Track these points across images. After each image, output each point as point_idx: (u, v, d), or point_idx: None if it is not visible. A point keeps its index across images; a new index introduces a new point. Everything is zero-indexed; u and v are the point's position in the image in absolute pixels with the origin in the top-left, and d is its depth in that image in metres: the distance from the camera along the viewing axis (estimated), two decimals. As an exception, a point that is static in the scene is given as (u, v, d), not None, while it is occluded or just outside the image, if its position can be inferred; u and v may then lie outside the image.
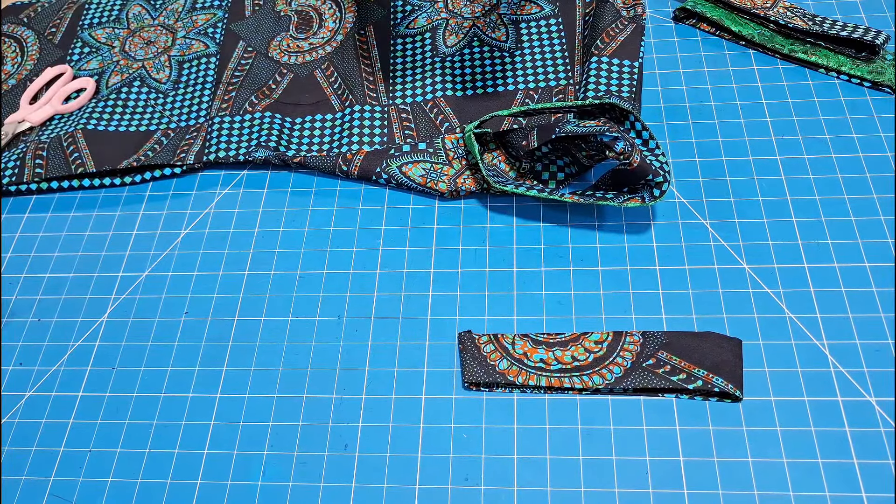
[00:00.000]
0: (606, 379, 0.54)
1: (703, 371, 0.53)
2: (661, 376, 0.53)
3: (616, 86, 0.68)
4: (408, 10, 0.81)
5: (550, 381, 0.54)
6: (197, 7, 0.87)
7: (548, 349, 0.56)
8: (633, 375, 0.53)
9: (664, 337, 0.55)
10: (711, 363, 0.53)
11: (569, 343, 0.56)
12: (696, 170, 0.65)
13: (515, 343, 0.56)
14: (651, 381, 0.53)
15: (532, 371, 0.55)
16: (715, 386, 0.52)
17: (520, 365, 0.55)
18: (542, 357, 0.56)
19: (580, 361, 0.55)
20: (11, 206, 0.73)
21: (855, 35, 0.68)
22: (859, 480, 0.49)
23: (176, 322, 0.62)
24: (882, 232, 0.60)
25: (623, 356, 0.54)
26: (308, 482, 0.53)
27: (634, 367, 0.54)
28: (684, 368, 0.53)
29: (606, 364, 0.54)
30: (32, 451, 0.57)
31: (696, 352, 0.54)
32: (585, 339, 0.56)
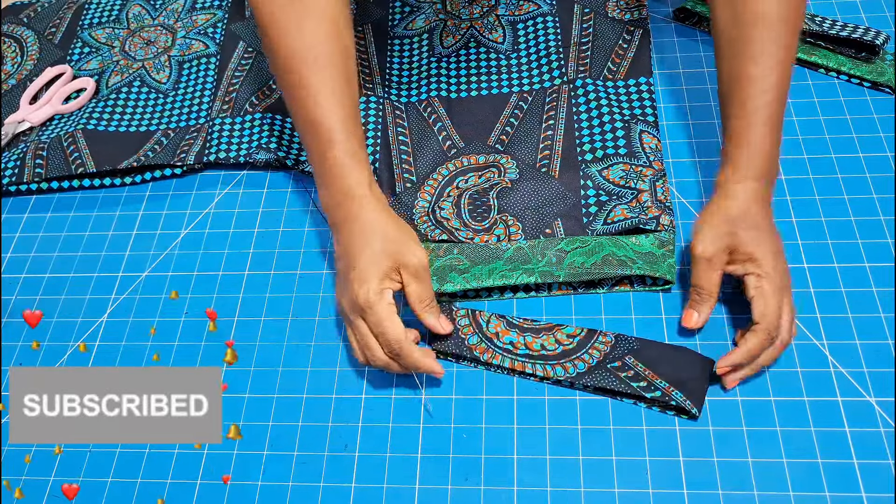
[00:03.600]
0: (568, 372, 0.54)
1: (665, 383, 0.52)
2: (623, 380, 0.53)
3: (639, 108, 0.68)
4: (406, 11, 0.81)
5: (514, 364, 0.55)
6: (197, 7, 0.87)
7: (520, 333, 0.56)
8: (595, 374, 0.53)
9: (636, 343, 0.55)
10: (676, 377, 0.52)
11: (541, 331, 0.56)
12: (695, 170, 0.65)
13: (491, 322, 0.57)
14: (611, 383, 0.53)
15: (498, 351, 0.55)
16: (672, 399, 0.51)
17: (489, 343, 0.56)
18: (512, 340, 0.56)
19: (548, 351, 0.55)
20: (11, 206, 0.73)
21: (855, 35, 0.68)
22: (859, 480, 0.49)
23: (176, 322, 0.62)
24: (882, 232, 0.60)
25: (591, 353, 0.54)
26: (308, 482, 0.53)
27: (599, 367, 0.54)
28: (647, 377, 0.53)
29: (572, 358, 0.54)
30: (32, 451, 0.57)
31: (663, 363, 0.53)
32: (559, 331, 0.56)
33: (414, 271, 0.54)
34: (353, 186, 0.55)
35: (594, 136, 0.67)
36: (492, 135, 0.69)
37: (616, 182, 0.63)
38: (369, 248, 0.53)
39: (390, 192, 0.66)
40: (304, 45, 0.55)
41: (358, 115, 0.58)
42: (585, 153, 0.66)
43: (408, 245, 0.54)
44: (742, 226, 0.52)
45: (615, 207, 0.61)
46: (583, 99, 0.70)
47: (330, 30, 0.55)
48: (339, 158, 0.55)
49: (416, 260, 0.54)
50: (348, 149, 0.55)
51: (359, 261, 0.53)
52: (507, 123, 0.69)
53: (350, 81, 0.57)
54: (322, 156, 0.55)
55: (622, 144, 0.65)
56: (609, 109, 0.68)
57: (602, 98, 0.69)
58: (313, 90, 0.55)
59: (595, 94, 0.69)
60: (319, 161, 0.56)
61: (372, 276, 0.52)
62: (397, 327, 0.52)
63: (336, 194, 0.55)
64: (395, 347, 0.52)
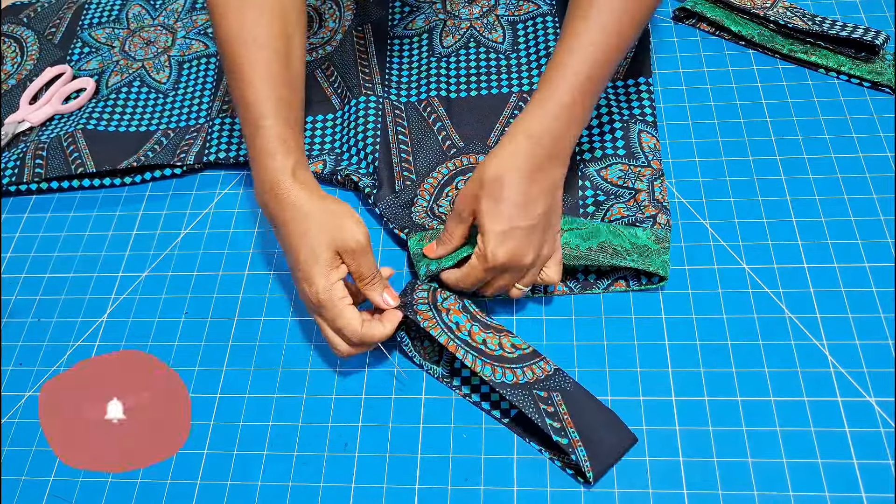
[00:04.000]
0: (495, 377, 0.52)
1: (576, 435, 0.50)
2: (540, 411, 0.51)
3: (638, 108, 0.68)
4: (406, 11, 0.81)
5: (448, 344, 0.53)
6: (197, 7, 0.87)
7: (469, 319, 0.55)
8: (518, 391, 0.52)
9: (571, 386, 0.53)
10: (589, 436, 0.50)
11: (490, 328, 0.55)
12: (696, 170, 0.65)
13: (448, 299, 0.56)
14: (528, 408, 0.51)
15: (441, 325, 0.54)
16: (574, 454, 0.50)
17: (436, 314, 0.54)
18: (458, 321, 0.54)
19: (487, 349, 0.54)
20: (11, 206, 0.73)
21: (855, 35, 0.68)
22: (859, 480, 0.49)
23: (176, 322, 0.62)
24: (882, 232, 0.60)
25: (525, 372, 0.53)
26: (308, 482, 0.53)
27: (525, 387, 0.52)
28: (563, 420, 0.51)
29: (505, 366, 0.53)
30: (32, 451, 0.57)
31: (585, 416, 0.51)
32: (507, 336, 0.55)
33: (352, 251, 0.52)
34: (277, 173, 0.53)
35: (593, 136, 0.67)
36: (491, 135, 0.69)
37: (614, 182, 0.63)
38: (305, 243, 0.52)
39: (390, 190, 0.66)
40: (243, 27, 0.55)
41: (295, 101, 0.57)
42: (584, 153, 0.66)
43: (342, 226, 0.52)
44: (486, 192, 0.51)
45: (612, 206, 0.61)
46: None
47: (273, 17, 0.56)
48: (265, 144, 0.54)
49: (353, 242, 0.52)
50: (275, 134, 0.54)
51: (299, 258, 0.52)
52: (506, 123, 0.69)
53: (289, 66, 0.56)
54: (252, 140, 0.55)
55: (621, 145, 0.65)
56: (608, 110, 0.68)
57: (601, 99, 0.69)
58: (246, 71, 0.55)
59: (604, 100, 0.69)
60: (250, 145, 0.55)
61: (315, 274, 0.52)
62: (352, 321, 0.52)
63: (263, 184, 0.54)
64: (355, 340, 0.52)
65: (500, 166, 0.52)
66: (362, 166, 0.68)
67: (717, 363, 0.55)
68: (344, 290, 0.52)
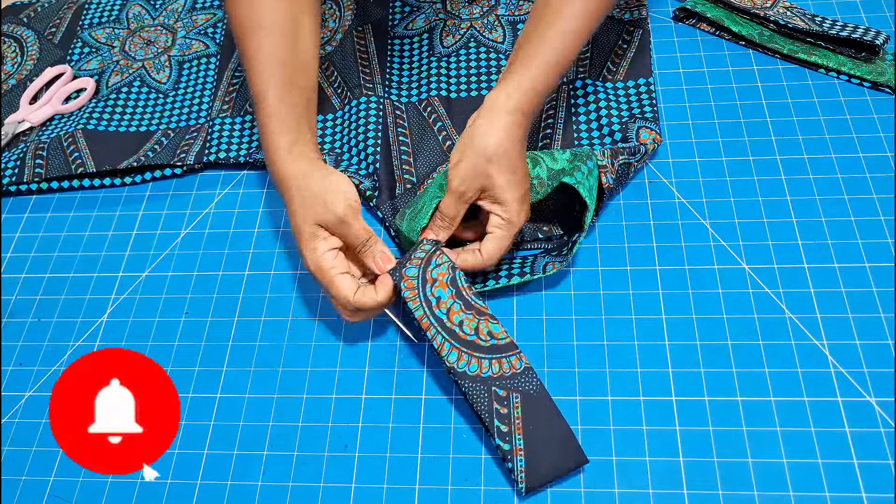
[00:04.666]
0: (459, 364, 0.51)
1: (520, 443, 0.49)
2: (491, 410, 0.50)
3: (638, 108, 0.68)
4: (406, 10, 0.81)
5: (422, 320, 0.52)
6: (197, 7, 0.87)
7: (453, 296, 0.53)
8: (475, 384, 0.51)
9: (535, 388, 0.51)
10: (534, 446, 0.49)
11: (473, 309, 0.53)
12: (696, 170, 0.65)
13: (440, 267, 0.54)
14: (481, 404, 0.50)
15: (420, 299, 0.53)
16: (510, 462, 0.49)
17: (421, 282, 0.53)
18: (440, 296, 0.53)
19: (461, 333, 0.52)
20: (11, 206, 0.73)
21: (855, 35, 0.68)
22: (859, 480, 0.49)
23: (176, 322, 0.62)
24: (882, 232, 0.60)
25: (492, 365, 0.52)
26: (308, 482, 0.53)
27: (485, 381, 0.51)
28: (513, 424, 0.50)
29: (474, 355, 0.52)
30: (32, 451, 0.57)
31: (538, 427, 0.50)
32: (485, 322, 0.53)
33: (335, 225, 0.54)
34: (271, 151, 0.56)
35: (592, 137, 0.67)
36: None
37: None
38: (294, 218, 0.55)
39: (390, 194, 0.66)
40: (252, 14, 0.58)
41: (300, 81, 0.59)
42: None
43: (325, 200, 0.53)
44: (499, 167, 0.53)
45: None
46: (581, 100, 0.70)
47: (282, 4, 0.59)
48: (265, 122, 0.57)
49: (331, 216, 0.53)
50: (273, 112, 0.57)
51: (295, 227, 0.55)
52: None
53: (295, 48, 0.59)
54: (259, 123, 0.58)
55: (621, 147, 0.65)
56: (608, 112, 0.68)
57: (601, 99, 0.69)
58: (252, 56, 0.58)
59: (594, 96, 0.69)
60: (258, 130, 0.58)
61: (302, 247, 0.54)
62: (343, 289, 0.53)
63: (268, 161, 0.57)
64: (350, 307, 0.53)
65: (504, 141, 0.54)
66: (362, 166, 0.68)
67: (717, 363, 0.55)
68: (333, 260, 0.54)
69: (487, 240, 0.55)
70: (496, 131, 0.54)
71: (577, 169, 0.56)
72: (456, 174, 0.55)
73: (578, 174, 0.56)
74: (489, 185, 0.54)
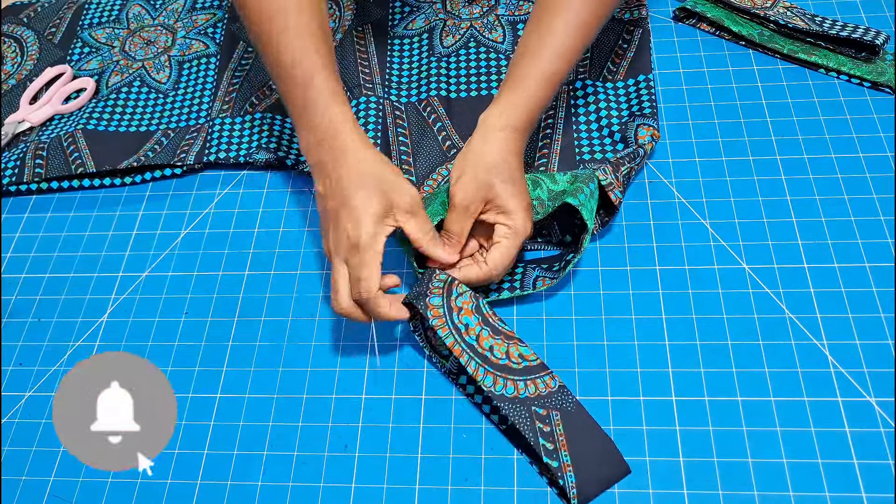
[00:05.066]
0: (496, 388, 0.51)
1: (567, 459, 0.50)
2: (535, 429, 0.50)
3: (637, 106, 0.68)
4: (406, 11, 0.81)
5: (454, 347, 0.52)
6: (197, 7, 0.87)
7: (480, 322, 0.54)
8: (516, 406, 0.51)
9: (572, 405, 0.52)
10: (581, 463, 0.49)
11: (501, 334, 0.54)
12: (696, 170, 0.65)
13: (462, 295, 0.54)
14: (523, 424, 0.50)
15: (449, 327, 0.53)
16: (562, 479, 0.49)
17: (447, 310, 0.53)
18: (468, 323, 0.53)
19: (492, 357, 0.53)
20: (11, 206, 0.73)
21: (855, 35, 0.68)
22: (859, 480, 0.49)
23: (176, 322, 0.62)
24: (882, 232, 0.60)
25: (528, 386, 0.52)
26: (308, 482, 0.53)
27: (524, 402, 0.51)
28: (558, 441, 0.50)
29: (507, 377, 0.52)
30: (32, 451, 0.57)
31: (581, 442, 0.50)
32: (515, 346, 0.53)
33: (408, 209, 0.53)
34: (337, 124, 0.55)
35: (592, 137, 0.67)
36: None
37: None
38: (362, 188, 0.53)
39: None
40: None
41: (334, 58, 0.58)
42: (584, 153, 0.66)
43: (398, 183, 0.54)
44: (500, 177, 0.54)
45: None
46: (581, 101, 0.70)
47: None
48: (321, 97, 0.55)
49: (408, 198, 0.53)
50: (329, 87, 0.56)
51: (352, 199, 0.52)
52: None
53: (323, 27, 0.58)
54: (303, 97, 0.56)
55: (621, 149, 0.65)
56: (608, 112, 0.68)
57: (601, 100, 0.69)
58: (289, 34, 0.56)
59: (594, 97, 0.69)
60: (301, 103, 0.56)
61: (367, 217, 0.52)
62: (374, 276, 0.52)
63: (318, 132, 0.55)
64: (364, 293, 0.52)
65: (500, 153, 0.54)
66: (362, 166, 0.68)
67: (717, 363, 0.55)
68: (383, 248, 0.53)
69: (493, 249, 0.55)
70: (491, 147, 0.55)
71: (579, 191, 0.56)
72: (458, 189, 0.54)
73: (581, 196, 0.56)
74: (493, 195, 0.54)
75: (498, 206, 0.54)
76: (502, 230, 0.55)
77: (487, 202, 0.54)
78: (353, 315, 0.53)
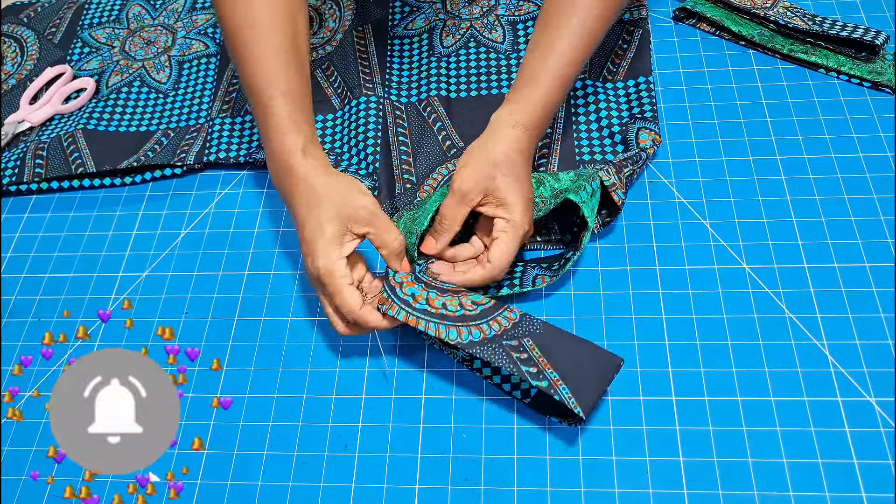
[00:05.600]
0: (461, 337, 0.51)
1: (555, 374, 0.49)
2: (514, 360, 0.50)
3: (637, 107, 0.68)
4: (406, 10, 0.81)
5: (408, 318, 0.52)
6: (197, 7, 0.87)
7: (424, 287, 0.54)
8: (487, 346, 0.51)
9: (541, 327, 0.52)
10: (569, 372, 0.49)
11: (447, 291, 0.54)
12: (696, 170, 0.65)
13: (398, 273, 0.54)
14: (500, 360, 0.50)
15: (397, 303, 0.52)
16: (557, 393, 0.48)
17: (390, 293, 0.53)
18: (414, 292, 0.53)
19: (448, 311, 0.52)
20: (11, 206, 0.73)
21: (855, 35, 0.68)
22: (859, 480, 0.49)
23: (176, 322, 0.62)
24: (882, 232, 0.60)
25: (490, 325, 0.52)
26: (308, 482, 0.53)
27: (493, 340, 0.51)
28: (538, 363, 0.49)
29: (469, 324, 0.52)
30: (32, 451, 0.57)
31: (560, 353, 0.50)
32: (465, 296, 0.54)
33: (366, 220, 0.53)
34: (287, 152, 0.54)
35: (592, 138, 0.67)
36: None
37: None
38: (313, 216, 0.53)
39: (389, 193, 0.66)
40: (250, 11, 0.56)
41: (303, 81, 0.57)
42: (584, 154, 0.66)
43: (351, 197, 0.53)
44: (502, 171, 0.54)
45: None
46: (581, 101, 0.70)
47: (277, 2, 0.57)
48: (276, 123, 0.55)
49: (362, 210, 0.52)
50: (285, 113, 0.55)
51: (305, 232, 0.53)
52: None
53: (296, 46, 0.57)
54: (262, 121, 0.56)
55: (621, 150, 0.65)
56: (608, 113, 0.68)
57: (601, 100, 0.69)
58: (254, 53, 0.56)
59: (594, 97, 0.69)
60: (262, 129, 0.56)
61: (318, 248, 0.52)
62: (349, 300, 0.52)
63: (276, 163, 0.55)
64: (350, 318, 0.52)
65: (508, 149, 0.55)
66: (362, 166, 0.68)
67: (717, 363, 0.55)
68: (346, 270, 0.52)
69: (493, 246, 0.55)
70: (500, 143, 0.55)
71: (581, 188, 0.56)
72: (458, 176, 0.55)
73: (584, 193, 0.56)
74: (493, 186, 0.54)
75: (497, 198, 0.54)
76: (501, 223, 0.55)
77: (487, 194, 0.55)
78: (357, 333, 0.55)
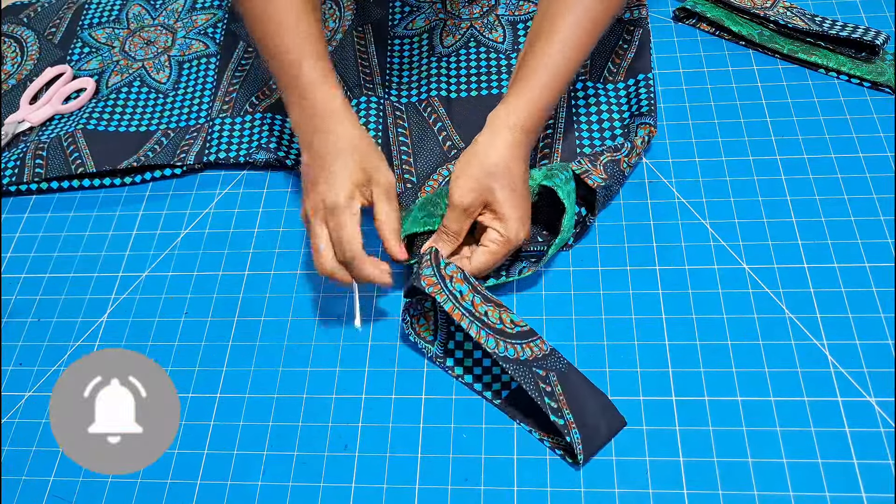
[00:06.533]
0: (499, 349, 0.52)
1: (571, 416, 0.51)
2: (539, 389, 0.51)
3: (636, 105, 0.68)
4: (406, 10, 0.81)
5: (453, 312, 0.53)
6: (197, 7, 0.87)
7: (472, 289, 0.55)
8: (519, 367, 0.52)
9: (566, 367, 0.53)
10: (582, 418, 0.51)
11: (491, 302, 0.55)
12: (696, 170, 0.65)
13: (451, 265, 0.55)
14: (529, 385, 0.51)
15: (447, 293, 0.53)
16: (569, 435, 0.50)
17: (441, 280, 0.54)
18: (462, 290, 0.54)
19: (489, 322, 0.54)
20: (11, 206, 0.73)
21: (855, 35, 0.68)
22: (859, 480, 0.49)
23: (176, 322, 0.62)
24: (882, 232, 0.60)
25: (524, 349, 0.53)
26: (308, 482, 0.53)
27: (525, 363, 0.52)
28: (560, 400, 0.51)
29: (507, 341, 0.53)
30: (32, 451, 0.57)
31: (578, 399, 0.52)
32: (505, 312, 0.55)
33: (384, 190, 0.55)
34: (326, 101, 0.56)
35: (594, 139, 0.67)
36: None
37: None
38: (343, 158, 0.54)
39: None
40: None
41: (324, 40, 0.59)
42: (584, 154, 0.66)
43: (381, 164, 0.55)
44: (501, 183, 0.54)
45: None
46: (582, 101, 0.70)
47: None
48: (311, 78, 0.57)
49: (385, 180, 0.55)
50: (319, 68, 0.57)
51: (332, 165, 0.54)
52: None
53: (315, 9, 0.59)
54: (294, 78, 0.57)
55: None
56: (609, 115, 0.68)
57: (602, 102, 0.69)
58: (277, 17, 0.57)
59: (595, 98, 0.69)
60: (292, 84, 0.57)
61: (344, 181, 0.53)
62: (356, 237, 0.53)
63: (308, 109, 0.57)
64: (348, 254, 0.53)
65: (505, 157, 0.55)
66: (362, 166, 0.68)
67: (717, 363, 0.55)
68: (359, 210, 0.54)
69: (480, 252, 0.56)
70: (497, 148, 0.55)
71: (554, 176, 0.57)
72: (457, 188, 0.55)
73: (557, 180, 0.57)
74: (492, 199, 0.54)
75: (495, 211, 0.55)
76: (494, 235, 0.55)
77: (486, 205, 0.55)
78: (338, 276, 0.55)
